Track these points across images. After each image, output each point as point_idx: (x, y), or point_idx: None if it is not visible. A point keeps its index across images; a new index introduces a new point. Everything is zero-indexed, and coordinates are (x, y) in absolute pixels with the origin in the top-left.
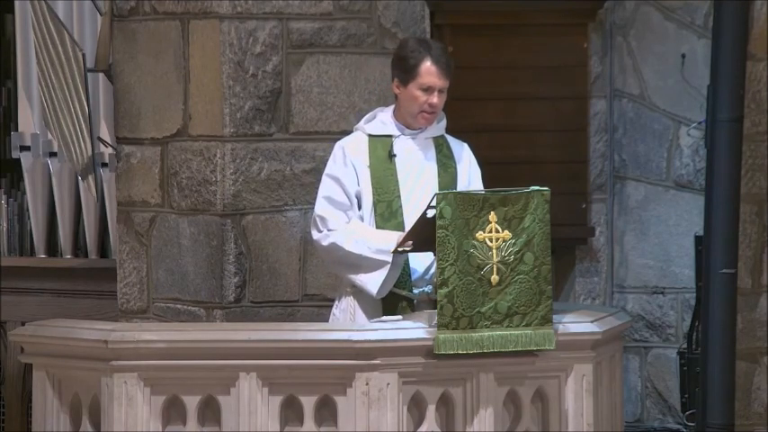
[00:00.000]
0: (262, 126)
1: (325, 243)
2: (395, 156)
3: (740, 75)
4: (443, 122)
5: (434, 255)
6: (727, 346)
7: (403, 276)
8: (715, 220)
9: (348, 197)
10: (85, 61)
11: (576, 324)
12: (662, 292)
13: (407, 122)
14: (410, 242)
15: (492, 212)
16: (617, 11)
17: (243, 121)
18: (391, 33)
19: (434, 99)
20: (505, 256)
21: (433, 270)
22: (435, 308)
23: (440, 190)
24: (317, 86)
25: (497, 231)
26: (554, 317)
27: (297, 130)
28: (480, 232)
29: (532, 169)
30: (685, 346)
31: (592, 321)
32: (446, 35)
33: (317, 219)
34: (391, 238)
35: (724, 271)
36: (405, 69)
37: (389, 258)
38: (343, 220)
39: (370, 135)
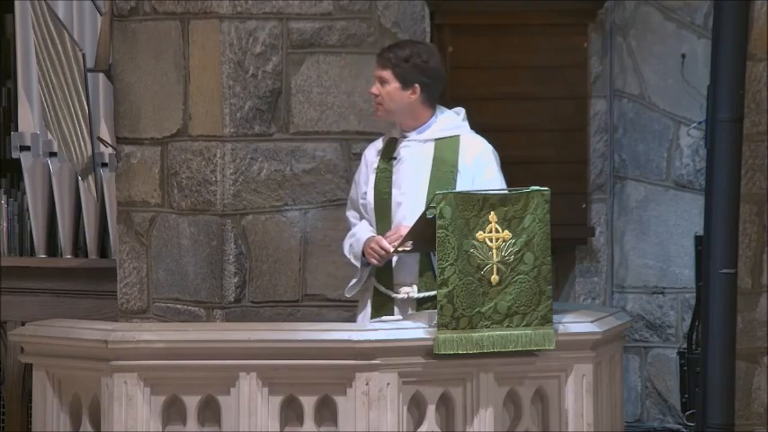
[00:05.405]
0: (262, 126)
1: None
2: (394, 158)
3: (740, 75)
4: (448, 123)
5: (434, 254)
6: (727, 347)
7: (386, 275)
8: (715, 220)
9: (360, 198)
10: (85, 61)
11: (576, 324)
12: (662, 292)
13: (401, 125)
14: (410, 242)
15: (492, 212)
16: (617, 11)
17: (243, 121)
18: (391, 33)
19: (372, 88)
20: (505, 256)
21: (416, 270)
22: (417, 309)
23: (430, 191)
24: (316, 86)
25: (497, 231)
26: (554, 317)
27: (297, 130)
28: (480, 232)
29: (532, 169)
30: (685, 346)
31: (592, 321)
32: (446, 35)
33: (346, 219)
34: (364, 240)
35: (724, 271)
36: None
37: (359, 264)
38: (358, 219)
39: (389, 138)
